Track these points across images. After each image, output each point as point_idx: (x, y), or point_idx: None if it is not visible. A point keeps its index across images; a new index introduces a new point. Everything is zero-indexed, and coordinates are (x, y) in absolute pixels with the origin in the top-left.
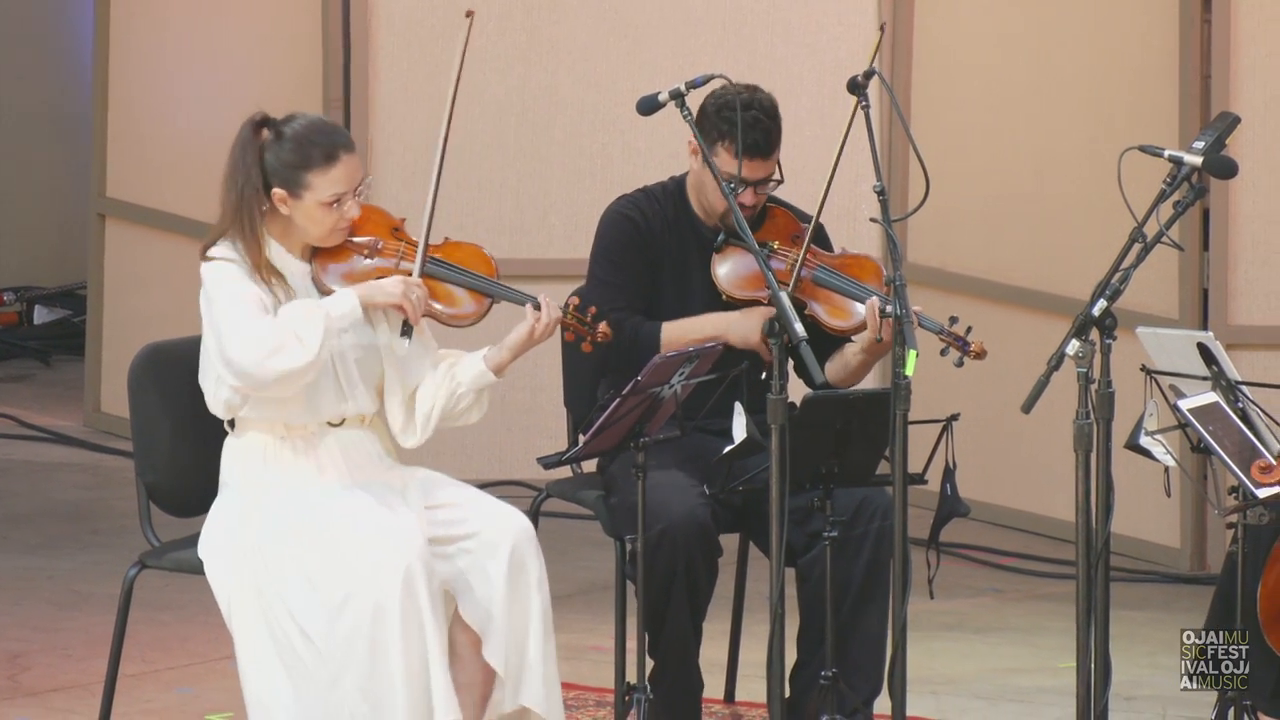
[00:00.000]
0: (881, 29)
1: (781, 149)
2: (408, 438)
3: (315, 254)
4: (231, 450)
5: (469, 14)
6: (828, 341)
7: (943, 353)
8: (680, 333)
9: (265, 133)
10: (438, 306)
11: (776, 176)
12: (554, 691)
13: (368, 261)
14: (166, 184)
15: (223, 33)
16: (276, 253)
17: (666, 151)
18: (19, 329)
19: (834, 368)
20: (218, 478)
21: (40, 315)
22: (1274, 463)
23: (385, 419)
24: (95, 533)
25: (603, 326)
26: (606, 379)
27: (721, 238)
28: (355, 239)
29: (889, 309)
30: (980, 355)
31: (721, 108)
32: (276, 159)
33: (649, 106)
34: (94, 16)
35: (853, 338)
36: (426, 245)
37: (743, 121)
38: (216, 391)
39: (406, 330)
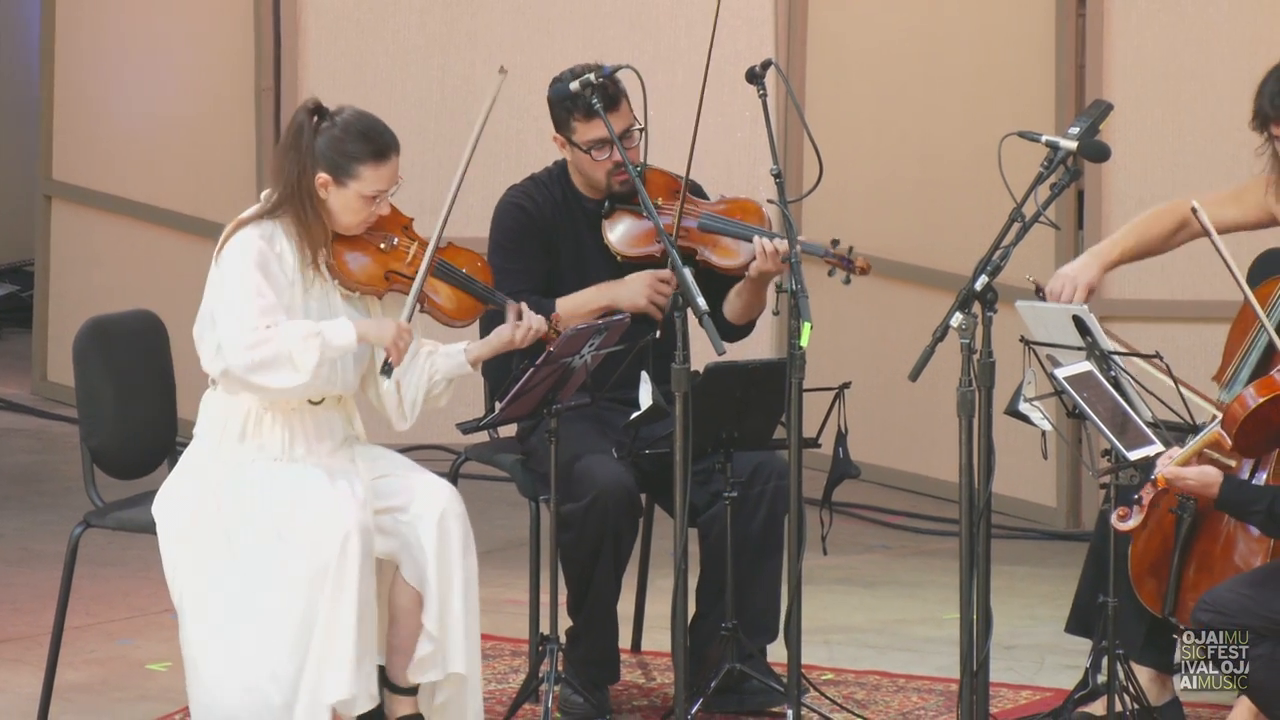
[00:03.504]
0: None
1: (677, 134)
2: (399, 421)
3: (333, 241)
4: (211, 405)
5: (502, 70)
6: (720, 284)
7: (830, 273)
8: (573, 306)
9: (318, 119)
10: (440, 303)
11: (638, 125)
12: (474, 654)
13: (381, 255)
14: (110, 168)
15: (162, 22)
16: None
17: None
18: None
19: (731, 309)
20: (157, 442)
21: None
22: (1130, 509)
23: (376, 402)
24: (42, 494)
25: None
26: (520, 350)
27: (608, 204)
28: (371, 232)
29: (776, 243)
30: (865, 270)
31: (559, 93)
32: (330, 145)
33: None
34: (40, 4)
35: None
36: (430, 263)
37: (582, 86)
38: (214, 360)
39: (387, 369)
